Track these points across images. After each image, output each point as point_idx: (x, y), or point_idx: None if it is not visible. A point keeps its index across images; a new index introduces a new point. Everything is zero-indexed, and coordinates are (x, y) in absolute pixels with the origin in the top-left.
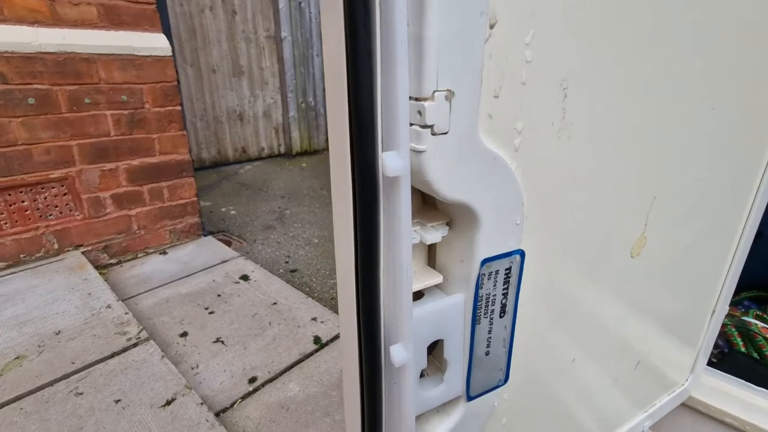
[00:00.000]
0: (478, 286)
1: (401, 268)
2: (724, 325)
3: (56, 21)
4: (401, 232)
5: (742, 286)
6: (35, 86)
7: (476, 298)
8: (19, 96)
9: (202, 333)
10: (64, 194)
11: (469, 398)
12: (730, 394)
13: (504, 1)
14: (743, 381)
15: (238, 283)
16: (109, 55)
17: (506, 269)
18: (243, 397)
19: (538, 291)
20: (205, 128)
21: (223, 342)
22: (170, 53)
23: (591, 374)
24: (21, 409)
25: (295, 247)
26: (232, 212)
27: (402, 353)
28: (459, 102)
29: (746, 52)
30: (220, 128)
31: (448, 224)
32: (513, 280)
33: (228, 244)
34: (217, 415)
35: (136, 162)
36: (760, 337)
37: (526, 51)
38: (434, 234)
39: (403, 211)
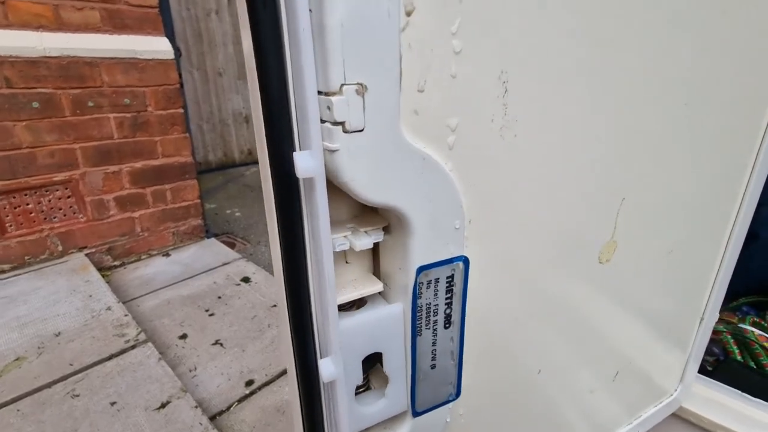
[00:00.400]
0: (416, 295)
1: (323, 275)
2: (719, 332)
3: (60, 25)
4: (321, 238)
5: (740, 291)
6: (39, 90)
7: (414, 308)
8: (23, 100)
9: (202, 335)
10: (68, 197)
11: (416, 414)
12: (724, 404)
13: None
14: (738, 391)
15: (239, 285)
16: (112, 58)
17: (448, 277)
18: (239, 400)
19: (491, 300)
20: (211, 131)
21: (221, 344)
22: (173, 56)
23: (561, 386)
24: (18, 410)
25: None
26: (237, 214)
27: (330, 367)
28: (374, 97)
29: (729, 35)
30: (226, 131)
31: (385, 229)
32: (457, 288)
33: (232, 246)
34: (212, 418)
35: (139, 164)
36: (757, 345)
37: (454, 41)
38: (365, 240)
39: (320, 216)
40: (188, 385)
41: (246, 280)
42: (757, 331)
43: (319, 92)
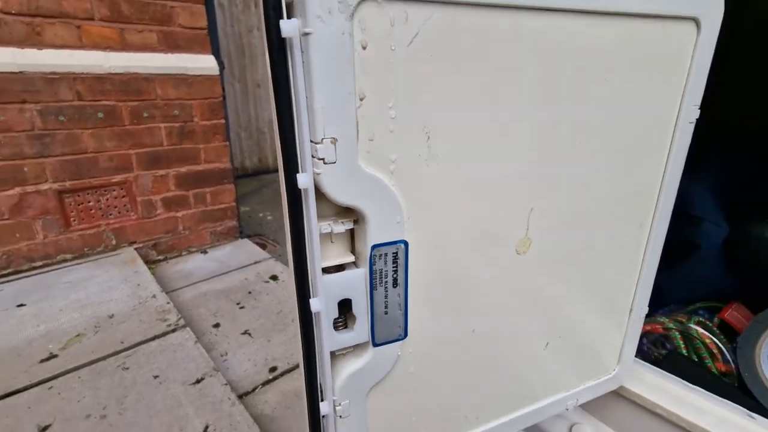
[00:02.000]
0: (372, 263)
1: (314, 247)
2: (670, 330)
3: (124, 46)
4: (311, 225)
5: (693, 296)
6: (104, 102)
7: (371, 271)
8: (90, 111)
9: (233, 325)
10: (123, 196)
11: (375, 344)
12: (666, 389)
13: (369, 83)
14: (680, 379)
15: (268, 282)
16: (166, 74)
17: (393, 253)
18: (263, 384)
19: (427, 271)
20: (248, 138)
21: (250, 334)
22: (218, 72)
23: (494, 347)
24: (79, 377)
25: None
26: (269, 218)
27: (316, 304)
28: (342, 144)
29: (610, 90)
30: (262, 138)
31: (356, 221)
32: (401, 261)
33: (263, 247)
34: (239, 397)
35: (183, 169)
36: (698, 341)
37: (390, 111)
38: (341, 227)
39: (311, 211)
40: (219, 368)
41: (274, 278)
42: (700, 330)
43: (311, 141)
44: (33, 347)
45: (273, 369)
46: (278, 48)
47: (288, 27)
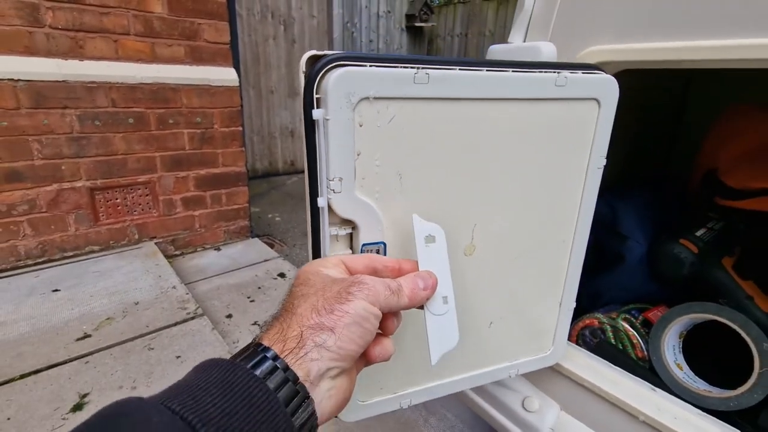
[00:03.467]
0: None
1: (325, 245)
2: (603, 323)
3: (154, 58)
4: (325, 230)
5: (629, 299)
6: (134, 109)
7: None
8: (122, 117)
9: (244, 317)
10: (147, 195)
11: None
12: (594, 368)
13: (363, 146)
14: (606, 361)
15: (276, 279)
16: (191, 85)
17: (377, 249)
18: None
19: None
20: (260, 142)
21: (259, 325)
22: (238, 84)
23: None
24: (111, 354)
25: None
26: (277, 219)
27: None
28: (345, 181)
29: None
30: (273, 143)
31: (353, 228)
32: (381, 254)
33: (271, 246)
34: None
35: (203, 172)
36: (623, 333)
37: (375, 162)
38: (343, 231)
39: (325, 220)
40: (231, 353)
41: (282, 275)
42: (626, 325)
43: (327, 178)
44: (69, 327)
45: None
46: (311, 124)
47: (317, 114)
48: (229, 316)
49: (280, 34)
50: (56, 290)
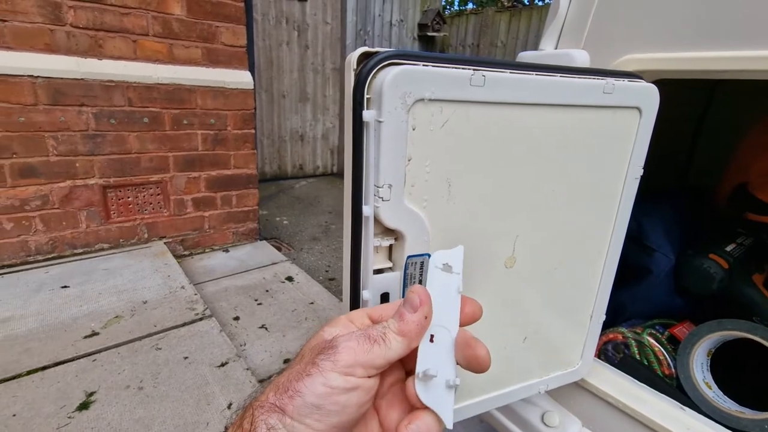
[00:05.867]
0: (406, 268)
1: (367, 257)
2: (627, 338)
3: (171, 59)
4: (369, 240)
5: (652, 314)
6: (150, 109)
7: (405, 274)
8: (138, 116)
9: (251, 319)
10: (158, 194)
11: None
12: (618, 384)
13: (415, 151)
14: (630, 377)
15: (284, 282)
16: (206, 87)
17: (421, 262)
18: (278, 373)
19: None
20: (270, 145)
21: (266, 328)
22: (252, 87)
23: (486, 336)
24: (118, 353)
25: (336, 259)
26: (285, 222)
27: (366, 294)
28: (394, 188)
29: (575, 158)
30: (282, 146)
31: (396, 239)
32: (425, 268)
33: (278, 249)
34: (259, 382)
35: (214, 173)
36: (648, 349)
37: (426, 168)
38: (385, 242)
39: (369, 230)
40: (240, 355)
41: (290, 279)
42: (652, 340)
43: (375, 185)
44: (77, 324)
45: (287, 360)
46: (359, 127)
47: (368, 115)
48: (237, 318)
49: (294, 39)
50: (65, 287)
